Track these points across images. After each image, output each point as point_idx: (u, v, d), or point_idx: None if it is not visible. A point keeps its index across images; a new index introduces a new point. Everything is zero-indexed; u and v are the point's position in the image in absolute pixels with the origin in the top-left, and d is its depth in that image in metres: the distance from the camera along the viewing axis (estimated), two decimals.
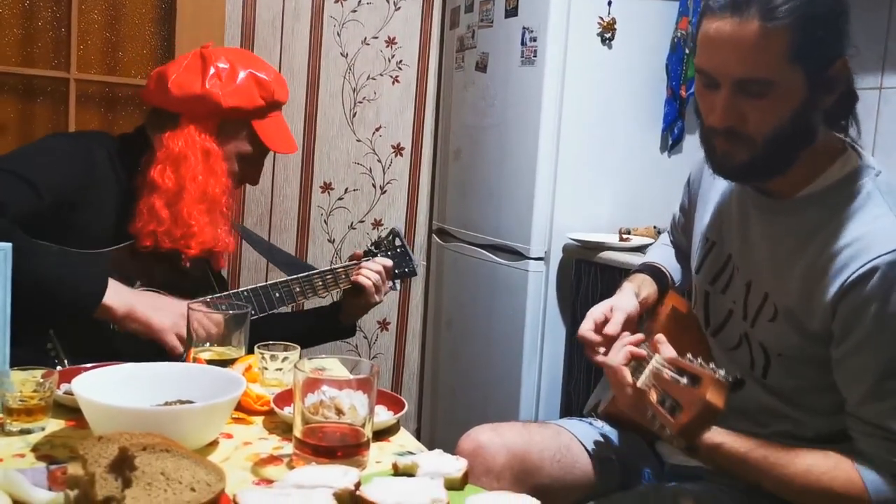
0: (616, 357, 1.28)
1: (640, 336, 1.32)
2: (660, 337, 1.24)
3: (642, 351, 1.26)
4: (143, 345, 1.62)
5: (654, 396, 1.14)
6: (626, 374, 1.25)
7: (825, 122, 1.28)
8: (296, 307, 1.85)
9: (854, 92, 1.28)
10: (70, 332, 1.58)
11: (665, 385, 1.13)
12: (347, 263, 1.88)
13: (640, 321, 1.48)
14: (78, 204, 1.59)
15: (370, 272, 1.86)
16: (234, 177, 1.74)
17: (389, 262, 1.90)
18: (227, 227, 1.73)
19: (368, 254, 1.93)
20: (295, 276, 1.80)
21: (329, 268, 1.85)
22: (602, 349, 1.36)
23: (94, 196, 1.62)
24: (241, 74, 1.69)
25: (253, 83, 1.70)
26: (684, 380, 1.09)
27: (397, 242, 1.96)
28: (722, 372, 1.04)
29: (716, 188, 1.46)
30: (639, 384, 1.20)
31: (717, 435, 1.22)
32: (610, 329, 1.37)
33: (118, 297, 1.53)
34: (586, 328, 1.40)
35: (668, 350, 1.21)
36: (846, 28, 1.20)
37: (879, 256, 1.17)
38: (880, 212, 1.22)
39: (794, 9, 1.14)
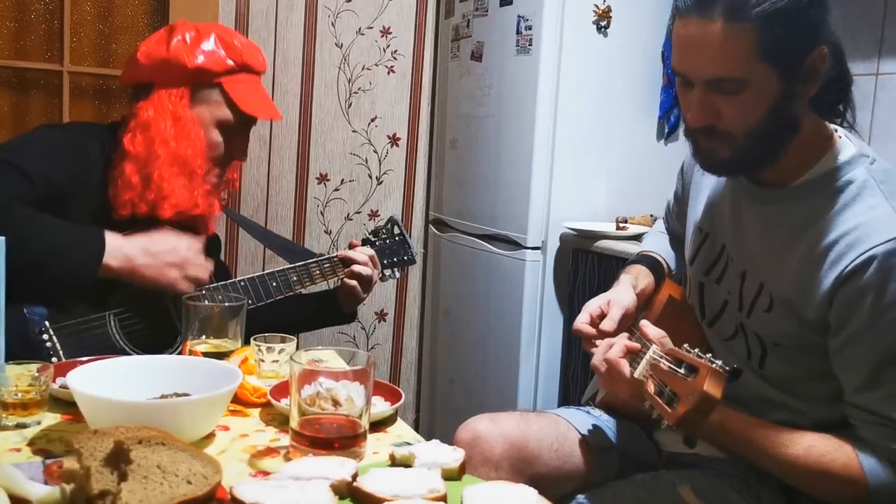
0: (612, 351, 1.27)
1: (625, 335, 1.32)
2: (644, 322, 1.24)
3: (636, 344, 1.26)
4: (138, 338, 1.62)
5: (651, 387, 1.14)
6: (624, 366, 1.25)
7: (816, 110, 1.27)
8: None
9: (846, 78, 1.28)
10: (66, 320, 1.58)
11: (662, 375, 1.12)
12: (345, 252, 1.87)
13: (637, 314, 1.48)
14: (70, 194, 1.58)
15: (362, 268, 1.84)
16: (218, 148, 1.71)
17: (371, 252, 1.88)
18: (206, 190, 1.70)
19: (366, 242, 1.92)
20: (292, 266, 1.79)
21: (326, 256, 1.84)
22: (598, 342, 1.36)
23: (87, 186, 1.61)
24: (208, 38, 1.68)
25: (220, 44, 1.69)
26: (682, 370, 1.09)
27: (395, 230, 1.95)
28: (719, 362, 1.04)
29: (708, 177, 1.46)
30: (636, 374, 1.20)
31: (717, 412, 1.21)
32: (606, 325, 1.37)
33: (118, 255, 1.53)
34: (582, 321, 1.40)
35: (654, 331, 1.21)
36: (820, 18, 1.20)
37: (876, 246, 1.17)
38: (876, 201, 1.22)
39: (757, 7, 1.14)
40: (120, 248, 1.54)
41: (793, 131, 1.25)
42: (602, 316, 1.42)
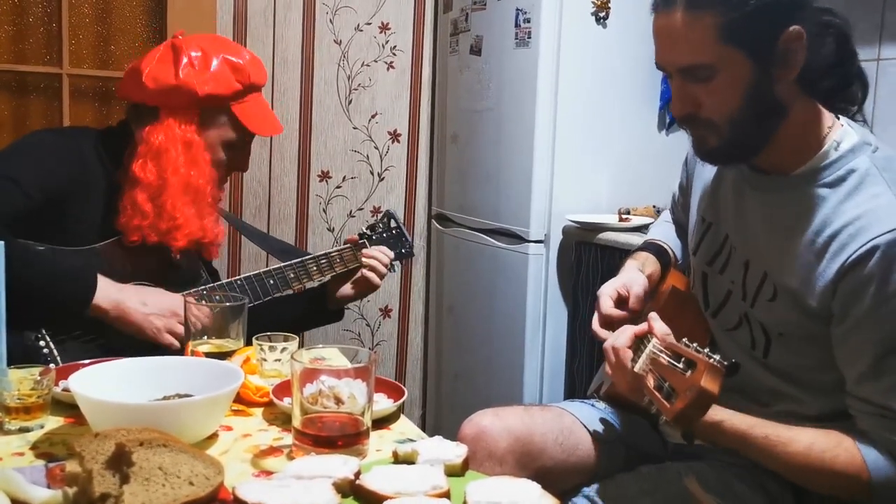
0: (619, 340, 1.26)
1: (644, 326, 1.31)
2: (652, 314, 1.23)
3: (643, 327, 1.25)
4: (137, 340, 1.62)
5: (651, 382, 1.13)
6: (629, 356, 1.24)
7: (814, 95, 1.26)
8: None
9: (847, 63, 1.27)
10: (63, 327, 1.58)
11: (662, 370, 1.12)
12: (342, 247, 1.88)
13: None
14: (67, 201, 1.58)
15: (380, 266, 1.85)
16: (221, 165, 1.72)
17: (391, 254, 1.89)
18: (215, 217, 1.71)
19: (363, 237, 1.92)
20: (289, 262, 1.79)
21: (323, 252, 1.84)
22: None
23: (84, 193, 1.61)
24: (215, 61, 1.67)
25: (227, 68, 1.68)
26: (680, 365, 1.08)
27: (392, 224, 1.95)
28: (717, 356, 1.04)
29: (710, 167, 1.45)
30: (636, 369, 1.19)
31: (716, 413, 1.21)
32: (634, 304, 1.38)
33: (108, 297, 1.53)
34: (609, 307, 1.40)
35: (660, 327, 1.20)
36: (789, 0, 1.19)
37: (879, 236, 1.16)
38: (878, 190, 1.21)
39: None
40: (113, 292, 1.54)
41: (778, 116, 1.25)
42: (620, 299, 1.42)
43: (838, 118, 1.30)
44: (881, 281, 1.15)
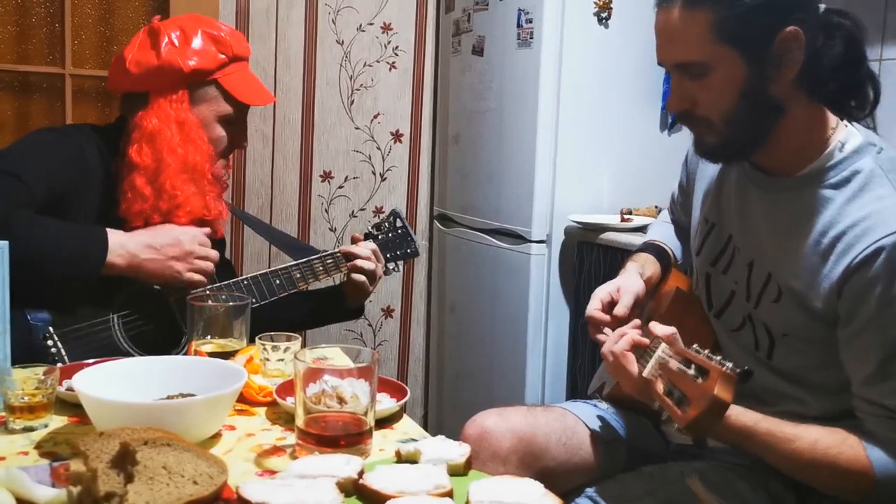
0: (619, 344, 1.27)
1: (637, 322, 1.31)
2: (653, 324, 1.23)
3: (645, 340, 1.25)
4: (142, 339, 1.63)
5: (660, 387, 1.13)
6: (632, 360, 1.24)
7: (818, 98, 1.26)
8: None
9: (854, 67, 1.26)
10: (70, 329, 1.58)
11: (672, 376, 1.11)
12: (348, 247, 1.88)
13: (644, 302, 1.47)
14: (69, 199, 1.59)
15: (364, 262, 1.85)
16: (221, 142, 1.72)
17: (373, 246, 1.89)
18: (216, 194, 1.71)
19: (369, 236, 1.93)
20: (295, 263, 1.79)
21: (329, 252, 1.84)
22: (607, 329, 1.37)
23: (85, 190, 1.61)
24: (195, 35, 1.67)
25: (209, 41, 1.68)
26: (691, 371, 1.08)
27: (398, 223, 1.96)
28: (730, 364, 1.03)
29: (713, 167, 1.45)
30: (645, 373, 1.19)
31: None
32: (619, 311, 1.39)
33: (119, 253, 1.53)
34: (594, 308, 1.41)
35: (662, 330, 1.20)
36: (787, 0, 1.19)
37: (885, 237, 1.16)
38: (884, 192, 1.21)
39: None
40: (123, 245, 1.54)
41: (775, 116, 1.25)
42: (612, 303, 1.42)
43: (843, 119, 1.30)
44: (887, 283, 1.15)
